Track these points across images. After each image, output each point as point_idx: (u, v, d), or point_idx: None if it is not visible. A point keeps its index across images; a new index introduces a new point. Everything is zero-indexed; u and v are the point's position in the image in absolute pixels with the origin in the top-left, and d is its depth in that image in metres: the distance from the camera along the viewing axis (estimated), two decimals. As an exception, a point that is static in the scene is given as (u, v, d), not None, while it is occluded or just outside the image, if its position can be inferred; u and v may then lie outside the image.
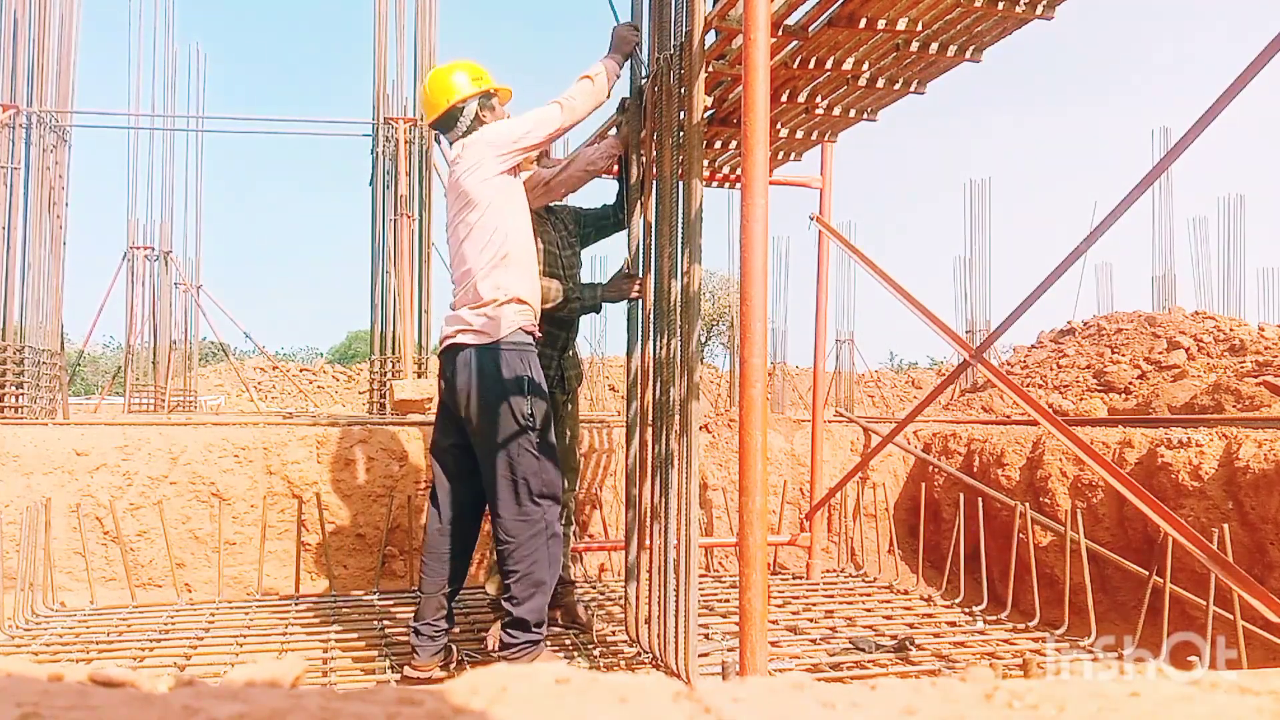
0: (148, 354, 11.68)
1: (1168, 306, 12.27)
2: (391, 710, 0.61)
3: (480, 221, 3.05)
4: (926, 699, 0.67)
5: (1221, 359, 8.54)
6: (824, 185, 4.76)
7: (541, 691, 0.66)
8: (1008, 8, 2.90)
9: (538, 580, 3.00)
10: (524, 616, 2.99)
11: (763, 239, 2.23)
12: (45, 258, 6.61)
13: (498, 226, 3.05)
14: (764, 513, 2.22)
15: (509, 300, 3.03)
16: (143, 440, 4.73)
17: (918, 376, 23.14)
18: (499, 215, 3.06)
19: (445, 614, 3.18)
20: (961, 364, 4.60)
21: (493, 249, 3.04)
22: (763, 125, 2.23)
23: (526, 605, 2.99)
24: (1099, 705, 0.66)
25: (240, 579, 4.65)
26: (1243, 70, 2.65)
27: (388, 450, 4.93)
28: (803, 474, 5.51)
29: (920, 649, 3.50)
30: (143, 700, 0.62)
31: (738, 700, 0.65)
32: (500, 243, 3.04)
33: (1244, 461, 4.08)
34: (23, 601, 3.95)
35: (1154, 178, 3.17)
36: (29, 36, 6.54)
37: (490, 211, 3.06)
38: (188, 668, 3.35)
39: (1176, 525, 2.88)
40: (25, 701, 0.59)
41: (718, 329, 23.25)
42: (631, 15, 3.26)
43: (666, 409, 2.86)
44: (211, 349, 21.65)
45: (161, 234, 11.55)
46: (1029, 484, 5.09)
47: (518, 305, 3.05)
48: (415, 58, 7.59)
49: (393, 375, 7.22)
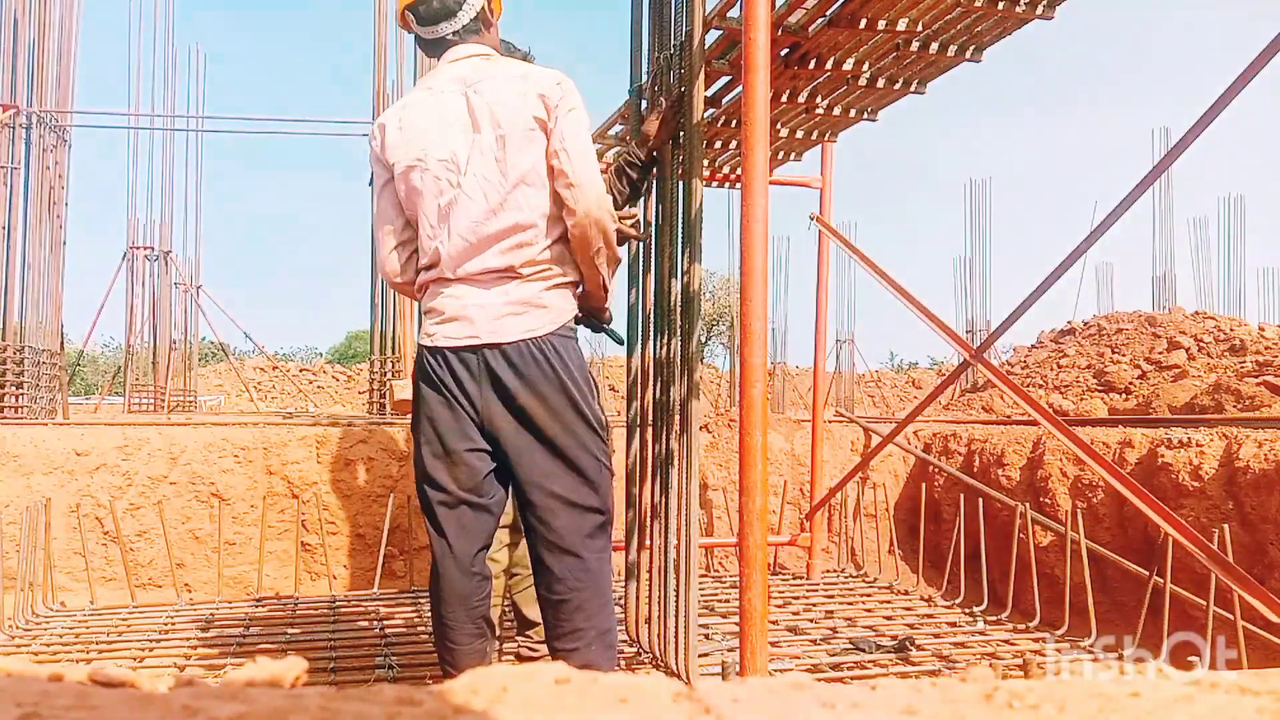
0: (147, 354, 11.68)
1: (1168, 306, 12.27)
2: (391, 710, 0.61)
3: (530, 160, 2.24)
4: (927, 699, 0.67)
5: (1222, 359, 8.54)
6: (824, 185, 4.76)
7: (541, 691, 0.65)
8: (1008, 8, 2.90)
9: (613, 642, 2.37)
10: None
11: (763, 239, 2.23)
12: (45, 258, 6.61)
13: (549, 186, 2.28)
14: (764, 513, 2.22)
15: (571, 281, 2.35)
16: (142, 440, 4.73)
17: (918, 376, 23.17)
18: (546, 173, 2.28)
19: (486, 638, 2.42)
20: (962, 364, 4.60)
21: (552, 205, 2.27)
22: (763, 125, 2.23)
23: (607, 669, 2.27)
24: (1099, 705, 0.66)
25: (240, 579, 4.65)
26: (1243, 70, 2.65)
27: (388, 450, 4.93)
28: (803, 474, 5.51)
29: (920, 649, 3.50)
30: (143, 700, 0.62)
31: (738, 700, 0.65)
32: (554, 207, 2.29)
33: (1244, 461, 4.08)
34: (23, 601, 3.95)
35: (1154, 178, 3.17)
36: (29, 37, 6.54)
37: (538, 157, 2.26)
38: (188, 668, 3.35)
39: (1176, 525, 2.88)
40: (25, 701, 0.59)
41: (718, 329, 23.27)
42: (631, 15, 3.26)
43: (666, 409, 2.86)
44: (211, 349, 21.67)
45: (161, 234, 11.55)
46: (1029, 484, 5.10)
47: (574, 287, 2.38)
48: (415, 58, 7.59)
49: (392, 375, 7.22)
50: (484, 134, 2.24)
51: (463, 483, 2.29)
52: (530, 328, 2.24)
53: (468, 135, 2.25)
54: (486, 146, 2.24)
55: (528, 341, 2.23)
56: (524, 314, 2.24)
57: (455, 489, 2.29)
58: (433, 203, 2.28)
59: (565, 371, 2.25)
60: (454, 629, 2.31)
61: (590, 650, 2.27)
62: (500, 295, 2.25)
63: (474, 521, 2.31)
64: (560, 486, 2.27)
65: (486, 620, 2.36)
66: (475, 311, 2.24)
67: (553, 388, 2.24)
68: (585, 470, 2.29)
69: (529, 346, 2.23)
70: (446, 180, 2.26)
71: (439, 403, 2.28)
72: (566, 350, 2.28)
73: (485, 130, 2.24)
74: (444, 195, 2.26)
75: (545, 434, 2.25)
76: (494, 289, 2.25)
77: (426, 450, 2.30)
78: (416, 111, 2.33)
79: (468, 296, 2.26)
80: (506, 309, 2.24)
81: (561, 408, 2.25)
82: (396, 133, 2.33)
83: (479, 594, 2.33)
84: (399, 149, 2.32)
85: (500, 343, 2.22)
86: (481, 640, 2.34)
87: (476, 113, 2.25)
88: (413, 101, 2.37)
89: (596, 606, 2.29)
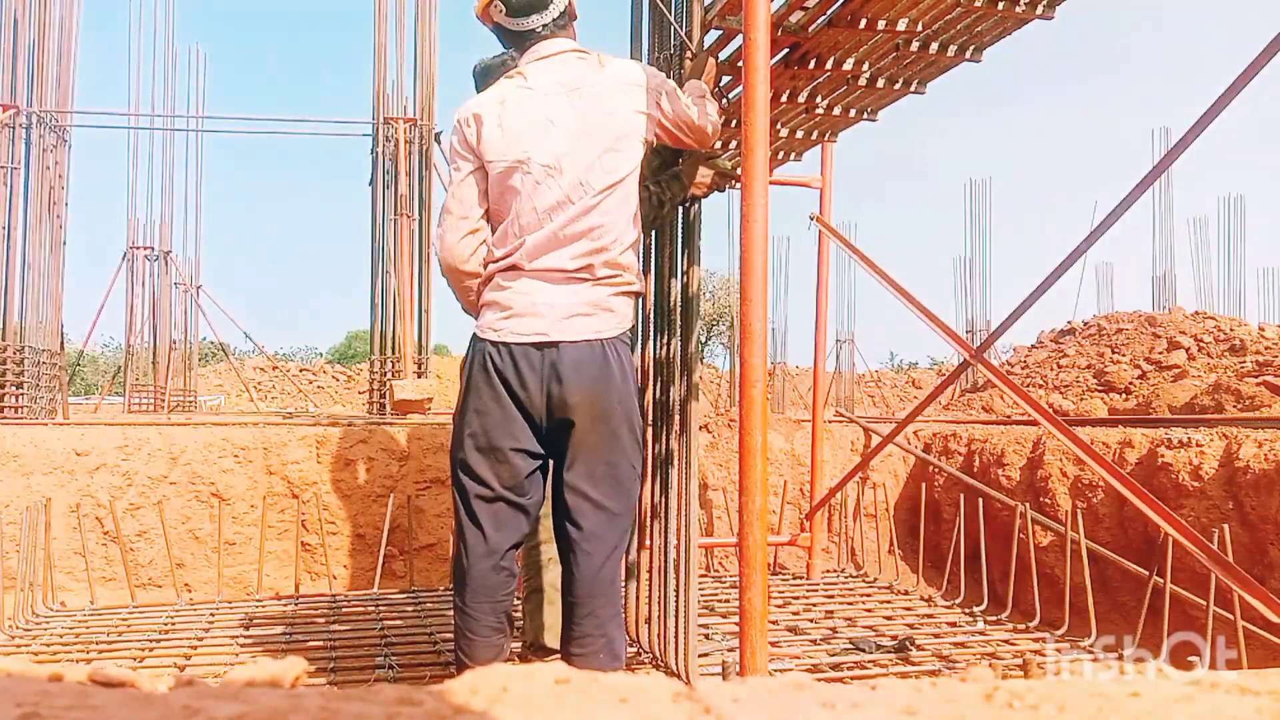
0: (147, 354, 11.68)
1: (1168, 306, 12.28)
2: (391, 710, 0.61)
3: (629, 167, 2.32)
4: (927, 699, 0.67)
5: (1222, 359, 8.54)
6: (824, 185, 4.76)
7: (542, 691, 0.66)
8: (1008, 8, 2.89)
9: (619, 653, 2.38)
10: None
11: (763, 239, 2.23)
12: (45, 258, 6.61)
13: (637, 197, 2.38)
14: (764, 513, 2.22)
15: (636, 291, 2.40)
16: (142, 440, 4.74)
17: (918, 376, 23.18)
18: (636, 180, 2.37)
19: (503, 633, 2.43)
20: (962, 364, 4.60)
21: (631, 208, 2.34)
22: (763, 125, 2.23)
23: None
24: (1099, 705, 0.66)
25: (240, 579, 4.65)
26: (1243, 70, 2.65)
27: (388, 450, 4.94)
28: (803, 474, 5.51)
29: (920, 649, 3.50)
30: (143, 700, 0.62)
31: (738, 700, 0.65)
32: (638, 213, 2.39)
33: (1244, 461, 4.08)
34: (23, 601, 3.95)
35: (1154, 178, 3.17)
36: (29, 36, 6.54)
37: (634, 165, 2.34)
38: (188, 668, 3.35)
39: (1176, 525, 2.88)
40: (25, 701, 0.59)
41: (718, 329, 23.28)
42: (631, 15, 3.26)
43: (666, 409, 2.86)
44: (211, 349, 21.66)
45: (161, 234, 11.55)
46: (1029, 484, 5.10)
47: (637, 297, 2.45)
48: (415, 58, 7.59)
49: (393, 375, 7.22)
50: (586, 140, 2.28)
51: (504, 480, 2.30)
52: (598, 329, 2.26)
53: (574, 141, 2.28)
54: (591, 153, 2.27)
55: (593, 343, 2.25)
56: (593, 316, 2.27)
57: (496, 485, 2.30)
58: (528, 204, 2.28)
59: (622, 377, 2.29)
60: (476, 620, 2.32)
61: (597, 659, 2.31)
62: (572, 295, 2.26)
63: (510, 518, 2.33)
64: (598, 491, 2.29)
65: (508, 615, 2.38)
66: (545, 309, 2.25)
67: (608, 391, 2.26)
68: (622, 477, 2.31)
69: (594, 348, 2.25)
70: (546, 185, 2.27)
71: (491, 397, 2.28)
72: (625, 356, 2.32)
73: (587, 135, 2.28)
74: (541, 199, 2.27)
75: (594, 436, 2.27)
76: (566, 288, 2.27)
77: (470, 443, 2.31)
78: (517, 111, 2.33)
79: (538, 294, 2.27)
80: (577, 309, 2.25)
81: (612, 412, 2.27)
82: (496, 130, 2.32)
83: (504, 589, 2.35)
84: (498, 146, 2.31)
85: (568, 341, 2.24)
86: (500, 635, 2.36)
87: (583, 119, 2.29)
88: (512, 99, 2.34)
89: (608, 614, 2.33)
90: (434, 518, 4.91)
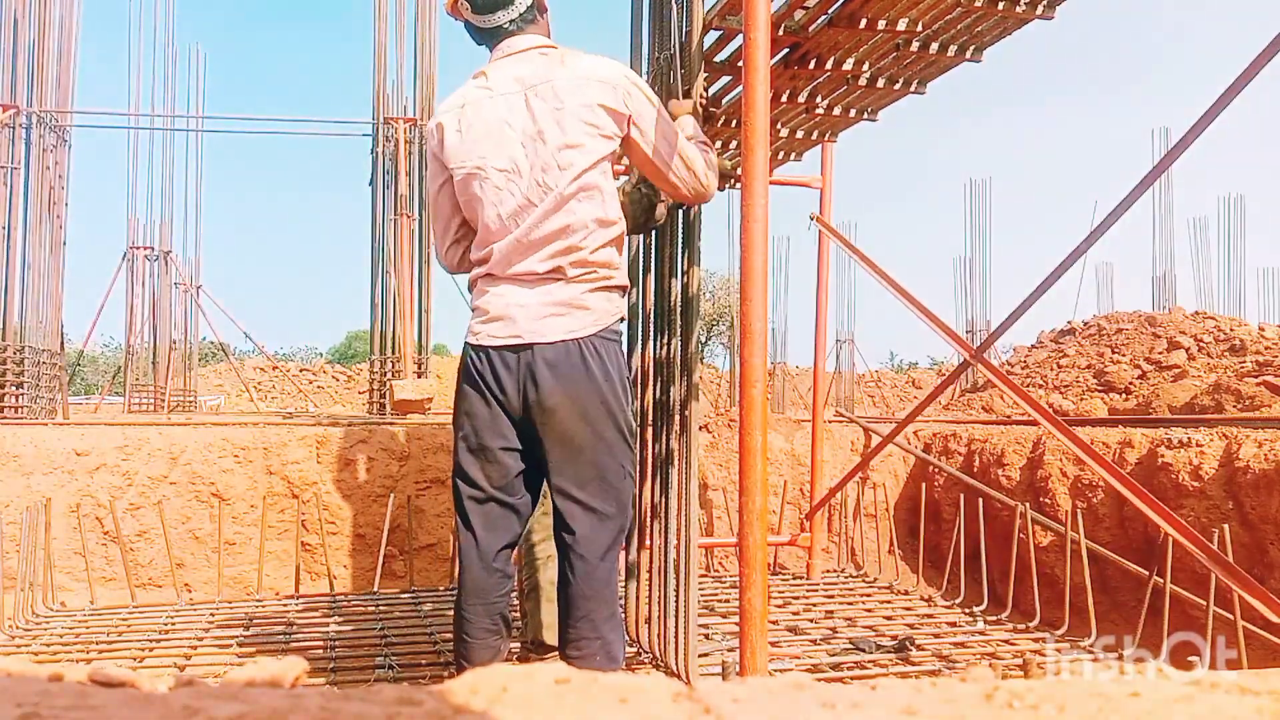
0: (147, 354, 11.68)
1: (1168, 306, 12.28)
2: (391, 710, 0.61)
3: (587, 161, 2.22)
4: (927, 699, 0.67)
5: (1222, 359, 8.54)
6: (824, 185, 4.76)
7: (542, 691, 0.66)
8: (1008, 8, 2.89)
9: (617, 655, 2.35)
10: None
11: (763, 239, 2.23)
12: (45, 258, 6.61)
13: (608, 190, 2.29)
14: (764, 513, 2.22)
15: (618, 285, 2.34)
16: (142, 440, 4.74)
17: (918, 376, 23.17)
18: (608, 176, 2.29)
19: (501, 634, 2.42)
20: (962, 364, 4.60)
21: (600, 204, 2.26)
22: (763, 125, 2.23)
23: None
24: (1099, 705, 0.66)
25: (240, 579, 4.65)
26: (1243, 70, 2.65)
27: (388, 450, 4.94)
28: (803, 474, 5.51)
29: (920, 649, 3.50)
30: (143, 700, 0.62)
31: (738, 700, 0.65)
32: (615, 206, 2.30)
33: (1244, 461, 4.08)
34: (23, 601, 3.95)
35: (1154, 178, 3.17)
36: (29, 36, 6.54)
37: (604, 164, 2.26)
38: (188, 668, 3.35)
39: (1176, 525, 2.88)
40: (25, 701, 0.59)
41: (718, 329, 23.27)
42: (631, 15, 3.26)
43: (666, 409, 2.86)
44: (211, 349, 21.66)
45: (161, 234, 11.55)
46: (1029, 484, 5.10)
47: (620, 290, 2.38)
48: (415, 58, 7.60)
49: (393, 375, 7.22)
50: (544, 140, 2.21)
51: (494, 480, 2.30)
52: (571, 329, 2.22)
53: (529, 142, 2.22)
54: (546, 152, 2.21)
55: (568, 343, 2.22)
56: (565, 315, 2.23)
57: (486, 485, 2.30)
58: (492, 210, 2.25)
59: (604, 375, 2.25)
60: (471, 622, 2.33)
61: (594, 661, 2.29)
62: (543, 295, 2.23)
63: (501, 519, 2.32)
64: (585, 492, 2.27)
65: (503, 617, 2.37)
66: (517, 311, 2.23)
67: (589, 390, 2.23)
68: (610, 477, 2.28)
69: (569, 348, 2.22)
70: (507, 190, 2.23)
71: (478, 400, 2.28)
72: (608, 353, 2.27)
73: (545, 136, 2.21)
74: (504, 204, 2.24)
75: (576, 438, 2.24)
76: (537, 289, 2.24)
77: (462, 445, 2.32)
78: (475, 114, 2.28)
79: (510, 296, 2.25)
80: (548, 309, 2.23)
81: (595, 411, 2.24)
82: (455, 135, 2.29)
83: (498, 590, 2.34)
84: (458, 153, 2.28)
85: (541, 343, 2.21)
86: (496, 637, 2.35)
87: (538, 118, 2.21)
88: (471, 100, 2.30)
89: (603, 616, 2.30)
90: (434, 518, 4.91)
